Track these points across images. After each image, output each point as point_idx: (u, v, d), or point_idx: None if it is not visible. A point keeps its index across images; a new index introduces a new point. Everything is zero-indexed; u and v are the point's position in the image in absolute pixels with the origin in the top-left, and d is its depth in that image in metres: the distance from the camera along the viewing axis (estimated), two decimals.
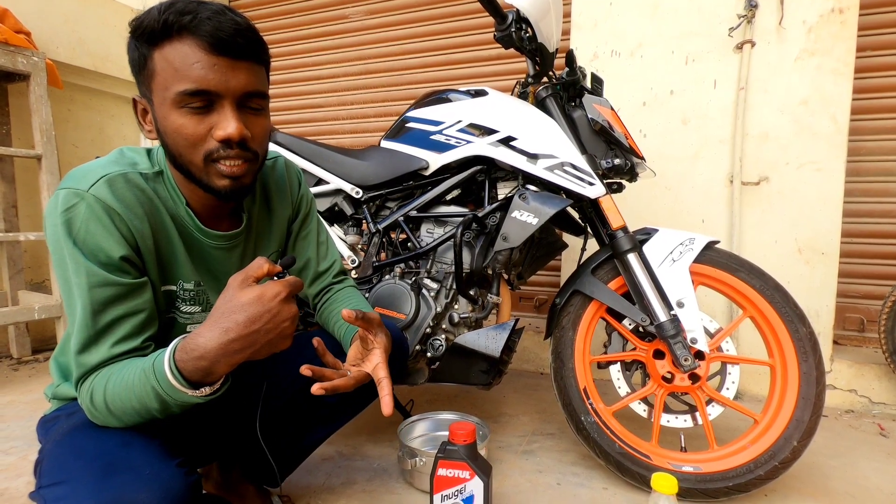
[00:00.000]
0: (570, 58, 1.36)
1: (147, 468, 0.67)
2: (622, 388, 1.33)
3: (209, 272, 0.88)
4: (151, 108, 0.75)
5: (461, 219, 1.35)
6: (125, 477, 0.65)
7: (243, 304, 0.66)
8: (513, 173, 1.38)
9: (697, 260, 1.26)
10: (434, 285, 1.37)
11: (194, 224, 0.84)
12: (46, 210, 0.73)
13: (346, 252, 1.49)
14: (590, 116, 1.32)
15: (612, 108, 1.40)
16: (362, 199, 1.47)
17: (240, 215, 0.91)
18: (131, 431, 0.73)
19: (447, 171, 1.42)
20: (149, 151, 0.84)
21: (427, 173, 1.42)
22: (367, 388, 1.01)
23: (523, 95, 1.43)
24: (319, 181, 1.51)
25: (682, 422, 1.27)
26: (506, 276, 1.44)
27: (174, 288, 0.85)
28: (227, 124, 0.72)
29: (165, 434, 0.76)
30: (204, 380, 0.67)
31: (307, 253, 1.06)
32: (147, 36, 0.70)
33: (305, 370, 0.75)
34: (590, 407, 1.28)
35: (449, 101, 1.41)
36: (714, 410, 1.24)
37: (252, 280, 0.68)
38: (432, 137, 1.39)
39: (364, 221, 1.50)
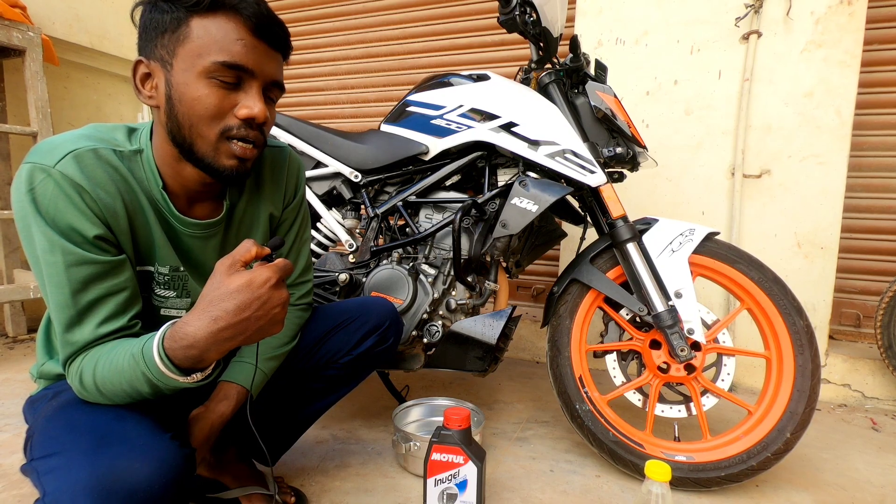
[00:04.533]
0: (574, 43, 1.34)
1: (140, 440, 0.67)
2: (617, 377, 1.33)
3: (187, 259, 0.86)
4: (166, 73, 0.73)
5: (460, 205, 1.34)
6: (120, 448, 0.64)
7: (232, 291, 0.64)
8: (513, 160, 1.37)
9: (697, 251, 1.25)
10: (432, 271, 1.36)
11: (168, 209, 0.81)
12: (13, 185, 0.70)
13: (343, 236, 1.48)
14: (592, 104, 1.31)
15: (616, 96, 1.38)
16: (361, 182, 1.46)
17: (221, 203, 0.88)
18: (124, 407, 0.73)
19: (447, 156, 1.40)
20: (131, 130, 0.81)
21: (427, 158, 1.40)
22: (353, 371, 1.01)
23: (526, 81, 1.41)
24: (318, 164, 1.50)
25: (677, 412, 1.27)
26: (504, 264, 1.44)
27: (151, 269, 0.83)
28: (254, 104, 0.74)
29: (157, 411, 0.75)
30: (195, 366, 0.67)
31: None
32: (188, 2, 0.70)
33: None
34: (585, 395, 1.28)
35: (450, 85, 1.39)
36: (709, 401, 1.25)
37: (240, 265, 0.67)
38: (433, 122, 1.38)
39: (362, 205, 1.49)
